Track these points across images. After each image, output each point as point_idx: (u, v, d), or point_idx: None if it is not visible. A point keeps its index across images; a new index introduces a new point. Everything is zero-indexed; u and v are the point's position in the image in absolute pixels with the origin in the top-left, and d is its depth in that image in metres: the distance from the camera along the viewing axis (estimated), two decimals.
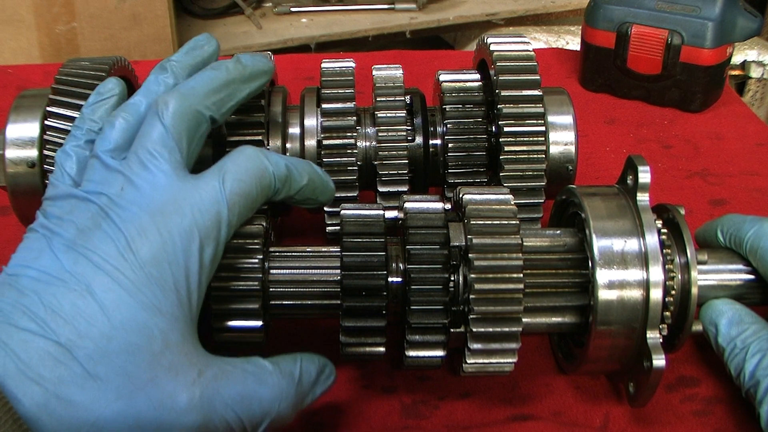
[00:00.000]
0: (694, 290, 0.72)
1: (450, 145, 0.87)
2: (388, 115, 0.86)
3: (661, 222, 0.74)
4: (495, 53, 0.86)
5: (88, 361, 0.55)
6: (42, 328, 0.55)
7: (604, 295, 0.70)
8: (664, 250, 0.71)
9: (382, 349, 0.72)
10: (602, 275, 0.70)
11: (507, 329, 0.69)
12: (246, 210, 0.66)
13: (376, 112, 0.86)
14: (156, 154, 0.63)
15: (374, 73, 0.90)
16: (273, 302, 0.73)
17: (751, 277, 0.77)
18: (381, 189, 0.86)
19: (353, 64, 0.90)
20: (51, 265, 0.58)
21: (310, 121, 0.87)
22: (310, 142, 0.86)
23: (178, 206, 0.61)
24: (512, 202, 0.73)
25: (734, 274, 0.77)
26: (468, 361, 0.71)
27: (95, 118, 0.69)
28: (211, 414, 0.58)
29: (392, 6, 2.72)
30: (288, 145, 0.87)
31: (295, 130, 0.87)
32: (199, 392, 0.58)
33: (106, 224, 0.60)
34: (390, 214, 0.75)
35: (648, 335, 0.70)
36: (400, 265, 0.72)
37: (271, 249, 0.75)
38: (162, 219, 0.60)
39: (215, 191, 0.63)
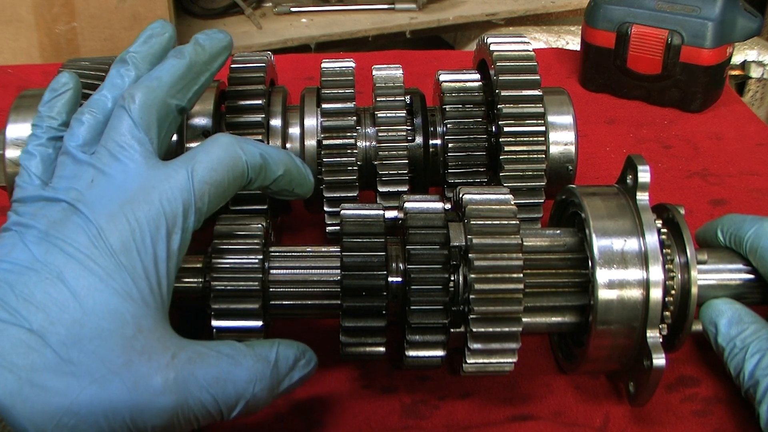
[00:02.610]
0: (694, 290, 0.73)
1: (450, 145, 0.87)
2: (388, 115, 0.86)
3: (661, 222, 0.74)
4: (495, 53, 0.86)
5: (61, 347, 0.55)
6: (14, 317, 0.56)
7: (604, 294, 0.70)
8: (664, 250, 0.71)
9: (382, 349, 0.72)
10: (602, 275, 0.70)
11: (507, 329, 0.69)
12: (216, 198, 0.65)
13: (376, 112, 0.86)
14: (126, 145, 0.64)
15: (374, 73, 0.90)
16: (273, 302, 0.73)
17: (751, 276, 0.77)
18: (381, 189, 0.86)
19: (353, 64, 0.90)
20: (23, 256, 0.59)
21: (310, 121, 0.87)
22: (310, 142, 0.86)
23: (146, 195, 0.62)
24: (512, 202, 0.73)
25: (734, 274, 0.77)
26: (468, 361, 0.71)
27: (53, 114, 0.69)
28: (186, 396, 0.59)
29: (392, 6, 2.72)
30: (288, 145, 0.87)
31: (295, 130, 0.87)
32: (174, 375, 0.59)
33: (76, 216, 0.61)
34: (390, 214, 0.75)
35: (648, 334, 0.70)
36: (400, 265, 0.72)
37: (271, 249, 0.75)
38: (131, 207, 0.61)
39: (184, 180, 0.63)
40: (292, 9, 2.71)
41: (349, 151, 0.85)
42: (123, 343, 0.57)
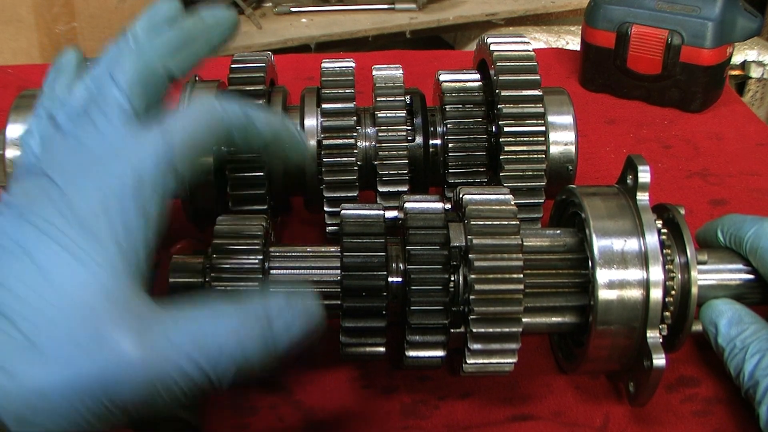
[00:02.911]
0: (694, 290, 0.73)
1: (450, 145, 0.87)
2: (388, 115, 0.86)
3: (661, 222, 0.74)
4: (495, 53, 0.86)
5: (30, 328, 0.53)
6: None
7: (604, 294, 0.70)
8: (664, 250, 0.71)
9: (382, 349, 0.72)
10: (602, 275, 0.70)
11: (507, 329, 0.69)
12: (197, 159, 0.62)
13: (376, 112, 0.86)
14: (107, 112, 0.62)
15: (374, 73, 0.90)
16: None
17: (751, 277, 0.77)
18: (381, 189, 0.86)
19: (353, 64, 0.90)
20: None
21: (310, 121, 0.87)
22: (310, 142, 0.86)
23: (118, 159, 0.59)
24: (512, 203, 0.73)
25: (734, 274, 0.77)
26: (468, 361, 0.71)
27: (56, 92, 0.67)
28: (164, 364, 0.54)
29: (392, 6, 2.72)
30: None
31: None
32: (149, 344, 0.54)
33: (51, 189, 0.58)
34: (390, 214, 0.75)
35: (648, 335, 0.70)
36: (400, 265, 0.72)
37: (271, 249, 0.75)
38: (101, 174, 0.58)
39: (158, 142, 0.60)
40: (292, 9, 2.71)
41: (349, 151, 0.85)
42: (92, 315, 0.54)
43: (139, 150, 0.60)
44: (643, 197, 0.73)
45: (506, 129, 0.83)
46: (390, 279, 0.72)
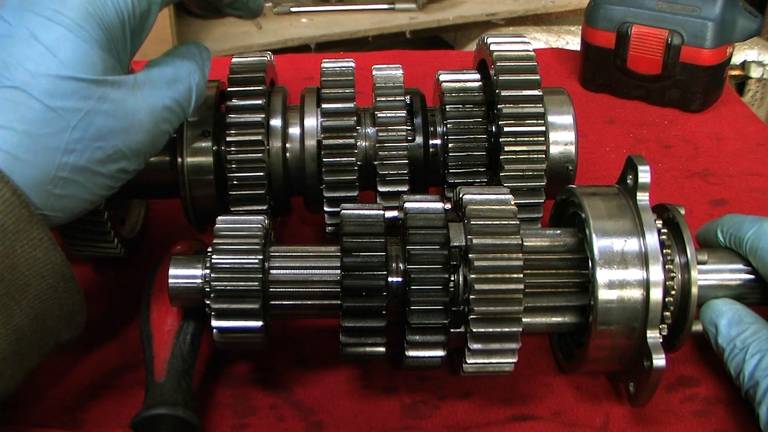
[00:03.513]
0: (694, 290, 0.73)
1: (450, 145, 0.87)
2: (388, 115, 0.86)
3: (661, 222, 0.74)
4: (495, 53, 0.86)
5: (45, 96, 0.60)
6: None
7: (604, 294, 0.70)
8: (664, 250, 0.71)
9: (382, 349, 0.72)
10: (602, 275, 0.70)
11: (507, 329, 0.69)
12: None
13: (376, 112, 0.86)
14: None
15: (374, 73, 0.90)
16: (273, 302, 0.73)
17: (751, 277, 0.77)
18: (381, 189, 0.86)
19: (353, 64, 0.90)
20: (0, 29, 0.63)
21: (310, 121, 0.87)
22: (310, 142, 0.86)
23: None
24: (512, 202, 0.73)
25: (734, 274, 0.77)
26: (468, 361, 0.71)
27: None
28: (154, 105, 0.68)
29: (392, 6, 2.72)
30: (288, 145, 0.87)
31: (295, 130, 0.87)
32: (140, 93, 0.66)
33: None
34: (390, 214, 0.75)
35: (648, 335, 0.70)
36: (400, 265, 0.72)
37: (271, 249, 0.75)
38: None
39: None
40: (292, 9, 2.71)
41: (349, 151, 0.85)
42: (96, 79, 0.63)
43: None
44: (643, 197, 0.73)
45: (506, 129, 0.83)
46: (390, 279, 0.72)
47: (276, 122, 0.87)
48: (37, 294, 0.61)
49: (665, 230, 0.73)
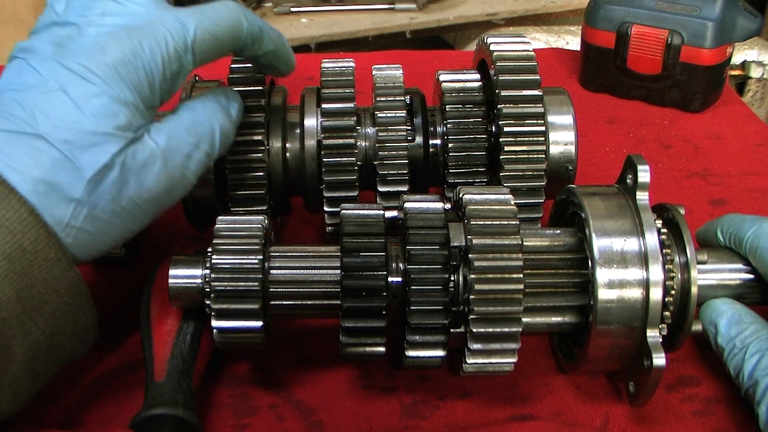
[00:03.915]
0: (694, 290, 0.73)
1: (450, 145, 0.87)
2: (388, 115, 0.86)
3: (660, 222, 0.74)
4: (495, 53, 0.86)
5: (65, 146, 0.61)
6: (22, 126, 0.61)
7: (604, 294, 0.70)
8: (664, 250, 0.71)
9: (382, 349, 0.72)
10: (602, 275, 0.70)
11: (507, 329, 0.69)
12: (212, 51, 0.70)
13: (376, 112, 0.86)
14: None
15: (374, 73, 0.90)
16: (273, 302, 0.73)
17: (751, 276, 0.77)
18: (381, 189, 0.86)
19: (353, 64, 0.90)
20: (30, 77, 0.63)
21: (310, 121, 0.87)
22: (310, 142, 0.86)
23: (153, 27, 0.66)
24: (512, 202, 0.73)
25: (734, 274, 0.78)
26: (468, 361, 0.71)
27: None
28: (174, 152, 0.67)
29: (392, 6, 2.71)
30: (288, 145, 0.87)
31: (295, 130, 0.87)
32: (162, 141, 0.67)
33: (81, 36, 0.65)
34: (390, 214, 0.75)
35: (648, 334, 0.70)
36: (400, 265, 0.72)
37: (271, 249, 0.75)
38: (136, 33, 0.65)
39: (187, 22, 0.68)
40: (292, 9, 2.71)
41: (349, 151, 0.85)
42: (117, 134, 0.63)
43: (173, 26, 0.67)
44: (642, 197, 0.73)
45: (506, 129, 0.83)
46: (390, 279, 0.72)
47: (276, 122, 0.87)
48: (52, 312, 0.62)
49: (665, 230, 0.74)
